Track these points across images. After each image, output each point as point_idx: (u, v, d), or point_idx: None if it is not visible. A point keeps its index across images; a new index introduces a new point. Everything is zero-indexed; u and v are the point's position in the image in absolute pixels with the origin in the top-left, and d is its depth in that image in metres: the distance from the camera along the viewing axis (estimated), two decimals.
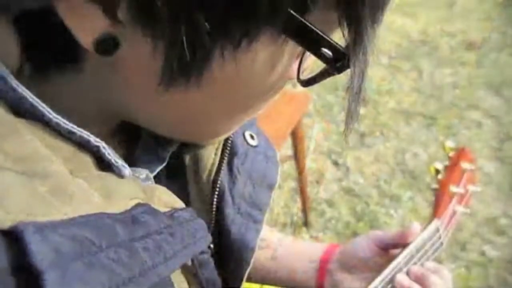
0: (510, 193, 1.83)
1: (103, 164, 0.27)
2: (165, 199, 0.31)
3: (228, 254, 0.40)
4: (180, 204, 0.32)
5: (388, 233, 0.57)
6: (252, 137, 0.43)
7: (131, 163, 0.36)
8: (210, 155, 0.38)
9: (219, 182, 0.38)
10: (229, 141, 0.39)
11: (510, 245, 1.61)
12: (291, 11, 0.22)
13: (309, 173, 1.91)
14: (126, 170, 0.27)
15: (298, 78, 0.29)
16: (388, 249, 0.56)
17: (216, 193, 0.38)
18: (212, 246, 0.34)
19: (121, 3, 0.21)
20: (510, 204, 1.78)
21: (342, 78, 0.27)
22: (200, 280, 0.32)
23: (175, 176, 0.39)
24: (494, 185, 1.86)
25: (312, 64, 0.31)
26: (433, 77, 2.61)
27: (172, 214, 0.29)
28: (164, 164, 0.37)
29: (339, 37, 0.25)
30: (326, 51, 0.24)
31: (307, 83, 0.29)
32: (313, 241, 1.68)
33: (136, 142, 0.37)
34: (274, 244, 0.60)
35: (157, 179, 0.36)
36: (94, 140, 0.25)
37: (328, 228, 1.74)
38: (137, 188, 0.28)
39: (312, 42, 0.24)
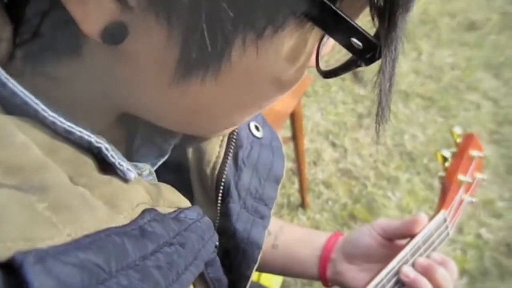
0: (506, 176, 1.83)
1: (105, 165, 0.24)
2: (171, 198, 0.29)
3: (234, 252, 0.38)
4: (185, 202, 0.31)
5: (393, 223, 0.55)
6: (257, 128, 0.41)
7: (130, 155, 0.34)
8: (214, 148, 0.36)
9: (224, 176, 0.36)
10: (234, 133, 0.37)
11: (506, 228, 1.62)
12: None
13: (306, 154, 1.90)
14: (132, 173, 0.25)
15: (317, 67, 0.27)
16: (393, 239, 0.55)
17: (221, 187, 0.36)
18: (217, 244, 0.32)
19: None
20: (506, 187, 1.78)
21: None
22: (206, 280, 0.31)
23: (177, 170, 0.37)
24: (490, 168, 1.85)
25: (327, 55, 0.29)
26: (433, 58, 2.58)
27: (178, 215, 0.27)
28: (166, 157, 0.35)
29: (363, 24, 0.23)
30: (355, 41, 0.22)
31: (328, 74, 0.27)
32: (310, 223, 1.68)
33: (134, 132, 0.35)
34: (275, 231, 0.59)
35: (158, 173, 0.34)
36: (95, 141, 0.23)
37: (325, 209, 1.74)
38: (143, 191, 0.26)
39: (341, 31, 0.22)
